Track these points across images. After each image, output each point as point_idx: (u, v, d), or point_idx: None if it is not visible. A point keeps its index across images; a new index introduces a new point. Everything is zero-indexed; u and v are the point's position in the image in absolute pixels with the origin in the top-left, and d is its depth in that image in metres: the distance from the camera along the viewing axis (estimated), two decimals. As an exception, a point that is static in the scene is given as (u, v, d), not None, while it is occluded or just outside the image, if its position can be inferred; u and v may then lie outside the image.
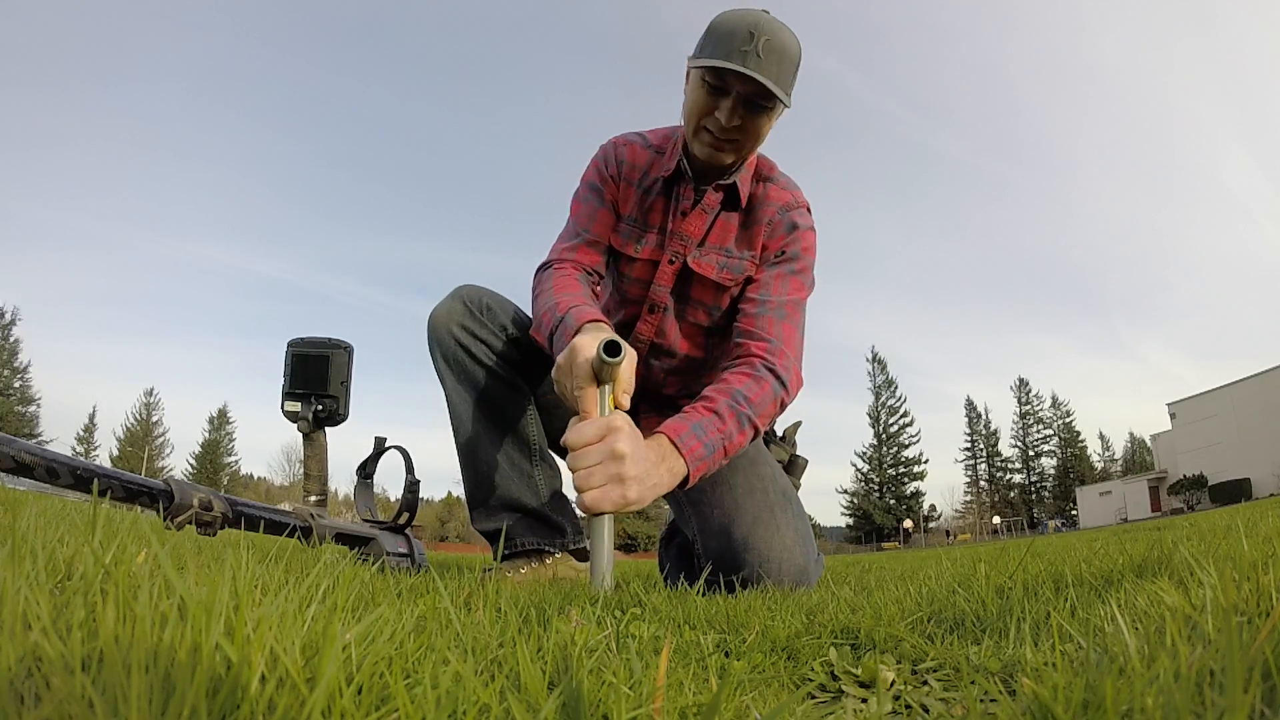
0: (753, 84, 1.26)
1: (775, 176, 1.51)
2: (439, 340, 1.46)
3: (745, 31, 1.25)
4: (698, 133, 1.36)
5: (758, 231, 1.46)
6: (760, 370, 1.33)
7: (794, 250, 1.46)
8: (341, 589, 0.55)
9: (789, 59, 1.29)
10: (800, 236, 1.46)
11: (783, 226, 1.46)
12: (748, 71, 1.24)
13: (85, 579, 0.47)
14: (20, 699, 0.33)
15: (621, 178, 1.51)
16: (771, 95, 1.28)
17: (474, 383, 1.45)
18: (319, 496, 1.60)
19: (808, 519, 1.43)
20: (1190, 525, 3.32)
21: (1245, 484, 27.67)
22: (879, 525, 45.69)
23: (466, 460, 1.47)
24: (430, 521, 50.74)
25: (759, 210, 1.47)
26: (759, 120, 1.33)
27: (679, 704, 0.44)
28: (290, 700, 0.33)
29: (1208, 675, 0.38)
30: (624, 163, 1.51)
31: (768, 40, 1.25)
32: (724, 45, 1.26)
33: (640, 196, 1.50)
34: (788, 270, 1.45)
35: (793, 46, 1.29)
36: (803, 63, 1.33)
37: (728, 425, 1.23)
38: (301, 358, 1.63)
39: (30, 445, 1.08)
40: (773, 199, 1.47)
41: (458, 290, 1.49)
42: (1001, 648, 0.62)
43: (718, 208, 1.46)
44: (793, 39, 1.30)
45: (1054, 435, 49.02)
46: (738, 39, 1.25)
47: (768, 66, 1.25)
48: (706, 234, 1.47)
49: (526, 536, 1.47)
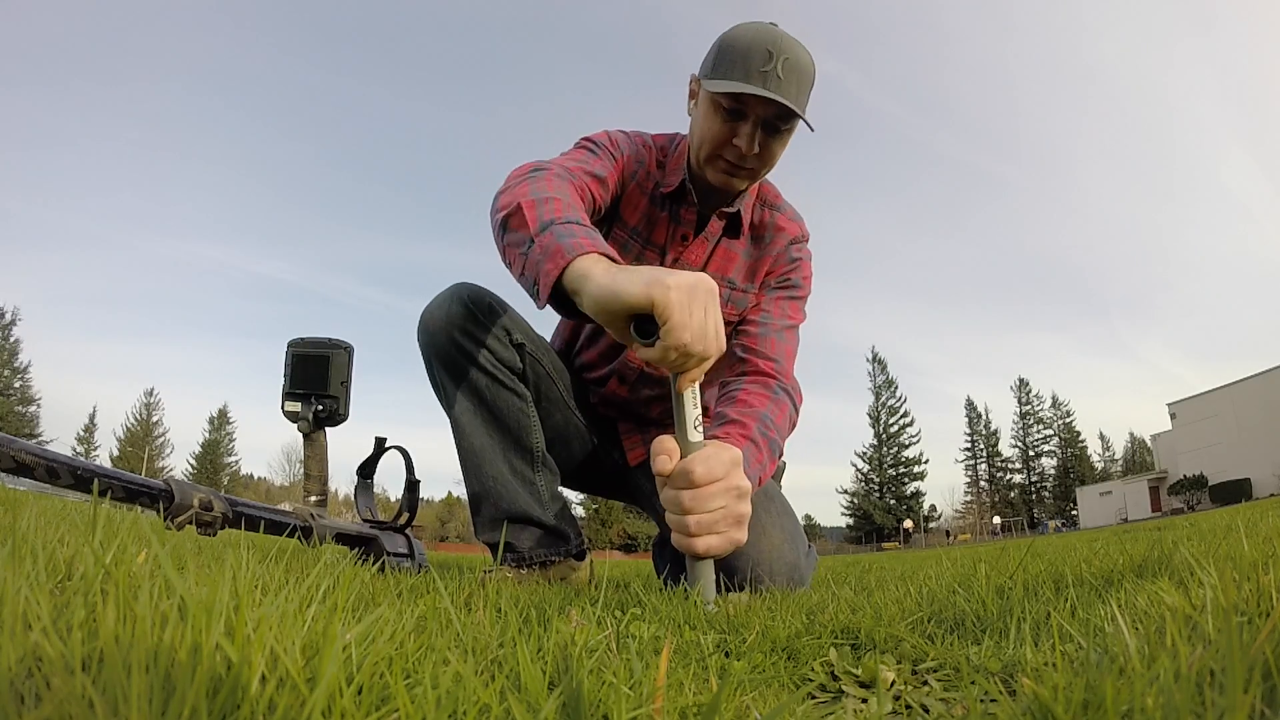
0: (775, 106, 1.19)
1: (781, 205, 1.46)
2: (436, 347, 1.36)
3: (764, 50, 1.17)
4: (712, 159, 1.28)
5: (764, 263, 1.43)
6: (778, 392, 1.29)
7: (796, 279, 1.45)
8: (342, 589, 0.55)
9: (807, 77, 1.22)
10: (802, 267, 1.46)
11: (786, 259, 1.44)
12: (772, 95, 1.16)
13: (85, 579, 0.47)
14: (21, 699, 0.33)
15: (634, 178, 1.39)
16: (793, 117, 1.21)
17: (478, 393, 1.37)
18: (319, 497, 1.60)
19: (794, 514, 1.40)
20: (1190, 525, 3.32)
21: (1245, 484, 27.65)
22: (879, 525, 45.68)
23: (471, 475, 1.42)
24: (430, 521, 50.74)
25: (767, 242, 1.42)
26: (777, 144, 1.27)
27: (679, 704, 0.44)
28: (290, 700, 0.33)
29: (1208, 675, 0.38)
30: (642, 164, 1.40)
31: (787, 59, 1.17)
32: (741, 66, 1.18)
33: (648, 208, 1.40)
34: (788, 296, 1.44)
35: (809, 63, 1.22)
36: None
37: (763, 456, 1.18)
38: (301, 358, 1.63)
39: (30, 445, 1.08)
40: (782, 229, 1.43)
41: (456, 290, 1.37)
42: (1002, 648, 0.62)
43: (720, 235, 1.42)
44: (808, 55, 1.23)
45: (1054, 435, 49.03)
46: (756, 59, 1.17)
47: (788, 87, 1.18)
48: (706, 262, 1.42)
49: (534, 549, 1.43)
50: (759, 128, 1.23)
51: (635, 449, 1.54)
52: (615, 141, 1.38)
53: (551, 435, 1.49)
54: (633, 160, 1.39)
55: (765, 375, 1.32)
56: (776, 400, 1.27)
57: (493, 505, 1.41)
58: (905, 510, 46.43)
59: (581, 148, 1.36)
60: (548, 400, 1.49)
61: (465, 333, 1.34)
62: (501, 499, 1.41)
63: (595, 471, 1.63)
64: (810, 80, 1.24)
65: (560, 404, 1.52)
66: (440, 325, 1.35)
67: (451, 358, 1.36)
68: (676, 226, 1.41)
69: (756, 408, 1.23)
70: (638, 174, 1.39)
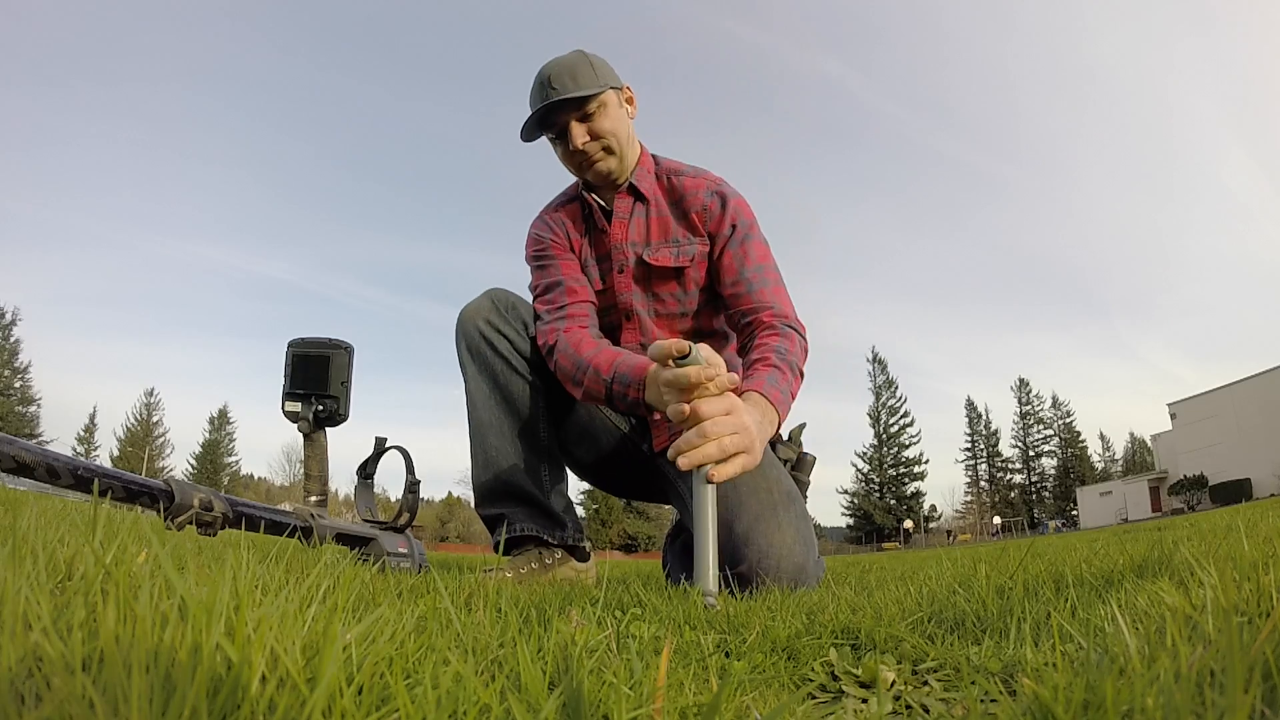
0: (566, 104, 1.45)
1: (682, 169, 1.63)
2: (465, 332, 1.57)
3: (538, 84, 1.47)
4: (576, 166, 1.55)
5: (695, 219, 1.57)
6: (783, 328, 1.48)
7: (740, 220, 1.57)
8: (342, 589, 0.55)
9: (577, 67, 1.48)
10: (736, 205, 1.58)
11: (716, 205, 1.57)
12: (553, 99, 1.44)
13: (86, 579, 0.47)
14: (21, 699, 0.33)
15: (565, 240, 1.63)
16: (585, 97, 1.46)
17: (493, 374, 1.54)
18: (319, 497, 1.60)
19: (811, 522, 1.45)
20: (1191, 525, 3.32)
21: (1246, 484, 27.65)
22: (879, 525, 45.69)
23: (477, 446, 1.55)
24: (430, 522, 50.75)
25: (686, 201, 1.58)
26: (600, 122, 1.49)
27: (679, 704, 0.44)
28: (291, 700, 0.33)
29: (1208, 675, 0.38)
30: (553, 227, 1.64)
31: (553, 74, 1.46)
32: (533, 102, 1.48)
33: (584, 244, 1.64)
34: (744, 239, 1.55)
35: (574, 58, 1.49)
36: (600, 56, 1.53)
37: (788, 375, 1.38)
38: (302, 358, 1.63)
39: (31, 445, 1.08)
40: (691, 188, 1.58)
41: (488, 291, 1.61)
42: (1002, 648, 0.62)
43: (630, 208, 1.59)
44: (572, 55, 1.51)
45: (1054, 435, 49.04)
46: (537, 92, 1.47)
47: (563, 86, 1.45)
48: (647, 235, 1.58)
49: (527, 524, 1.52)
50: (574, 124, 1.48)
51: (662, 436, 1.57)
52: (538, 237, 1.64)
53: (578, 431, 1.62)
54: (560, 230, 1.64)
55: (769, 325, 1.49)
56: (784, 334, 1.47)
57: (493, 476, 1.52)
58: (905, 510, 46.43)
59: (538, 269, 1.63)
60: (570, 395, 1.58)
61: (489, 323, 1.55)
62: (503, 471, 1.52)
63: (622, 465, 1.69)
64: (582, 67, 1.48)
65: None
66: (469, 315, 1.58)
67: (475, 342, 1.55)
68: (595, 229, 1.63)
69: (769, 344, 1.44)
70: (571, 235, 1.65)
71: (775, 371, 1.37)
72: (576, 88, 1.45)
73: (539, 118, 1.48)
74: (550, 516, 1.54)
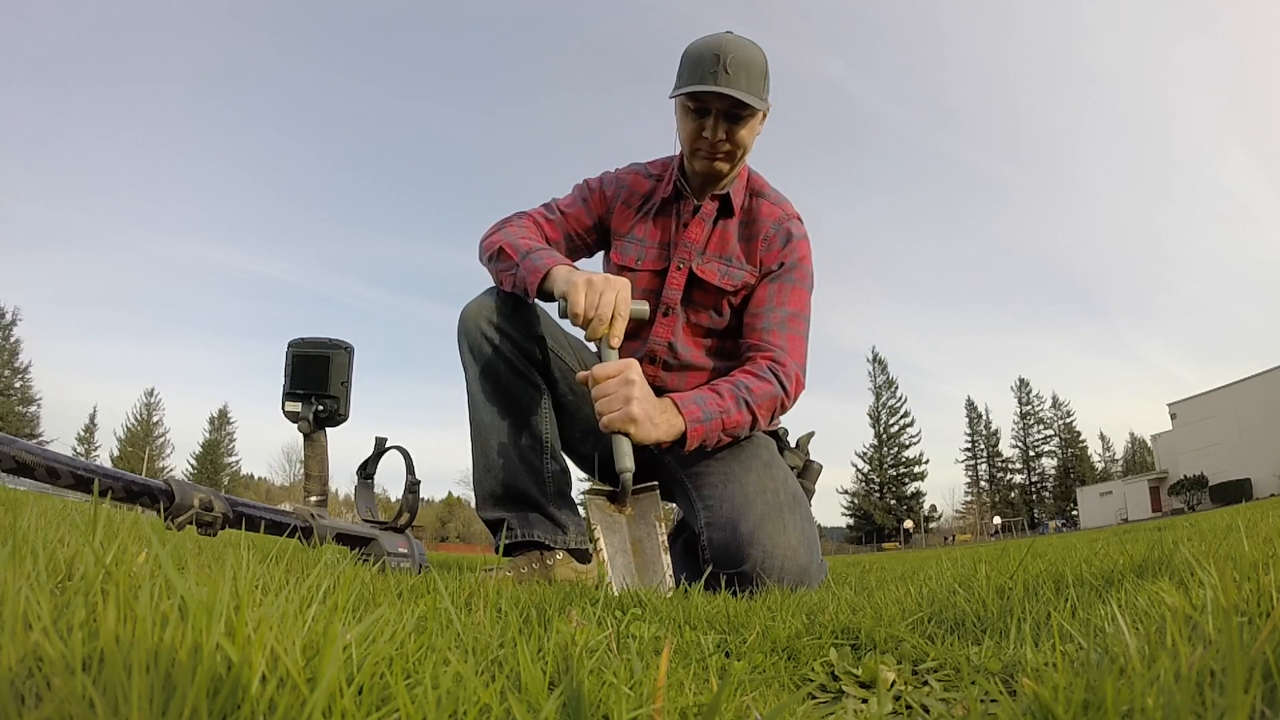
0: (726, 99, 1.40)
1: (767, 192, 1.62)
2: (467, 332, 1.54)
3: (711, 55, 1.40)
4: (694, 153, 1.50)
5: (755, 246, 1.57)
6: (764, 370, 1.46)
7: (791, 260, 1.56)
8: (342, 589, 0.55)
9: (756, 68, 1.43)
10: (795, 246, 1.57)
11: (778, 240, 1.57)
12: (719, 89, 1.38)
13: (86, 579, 0.47)
14: (21, 699, 0.33)
15: (619, 200, 1.65)
16: (746, 105, 1.41)
17: (495, 375, 1.52)
18: (319, 497, 1.60)
19: (815, 525, 1.46)
20: (1191, 525, 3.32)
21: (1246, 484, 27.63)
22: (879, 525, 45.66)
23: (479, 448, 1.53)
24: (430, 522, 50.76)
25: (755, 224, 1.58)
26: (741, 129, 1.46)
27: (680, 704, 0.44)
28: (291, 700, 0.33)
29: (1208, 675, 0.38)
30: (625, 187, 1.65)
31: (733, 58, 1.40)
32: (695, 71, 1.41)
33: (639, 217, 1.63)
34: (788, 282, 1.56)
35: (757, 57, 1.44)
36: (771, 66, 1.48)
37: (725, 402, 1.38)
38: (302, 358, 1.63)
39: (31, 445, 1.08)
40: (766, 215, 1.58)
41: (491, 289, 1.58)
42: (1002, 648, 0.62)
43: (715, 215, 1.59)
44: (756, 50, 1.45)
45: (1054, 435, 49.01)
46: (705, 63, 1.40)
47: (736, 80, 1.39)
48: (707, 241, 1.58)
49: (529, 529, 1.51)
50: (720, 119, 1.45)
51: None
52: (607, 183, 1.68)
53: (584, 428, 1.61)
54: (626, 193, 1.65)
55: (756, 364, 1.48)
56: (760, 375, 1.45)
57: (495, 479, 1.50)
58: (905, 510, 46.40)
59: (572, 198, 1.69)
60: (575, 394, 1.59)
61: (491, 322, 1.52)
62: (505, 475, 1.50)
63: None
64: (761, 70, 1.44)
65: (589, 397, 1.56)
66: (471, 314, 1.55)
67: (476, 341, 1.52)
68: (678, 219, 1.61)
69: (736, 377, 1.45)
70: (630, 200, 1.65)
71: (710, 395, 1.38)
72: (748, 90, 1.40)
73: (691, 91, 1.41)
74: (552, 520, 1.53)
